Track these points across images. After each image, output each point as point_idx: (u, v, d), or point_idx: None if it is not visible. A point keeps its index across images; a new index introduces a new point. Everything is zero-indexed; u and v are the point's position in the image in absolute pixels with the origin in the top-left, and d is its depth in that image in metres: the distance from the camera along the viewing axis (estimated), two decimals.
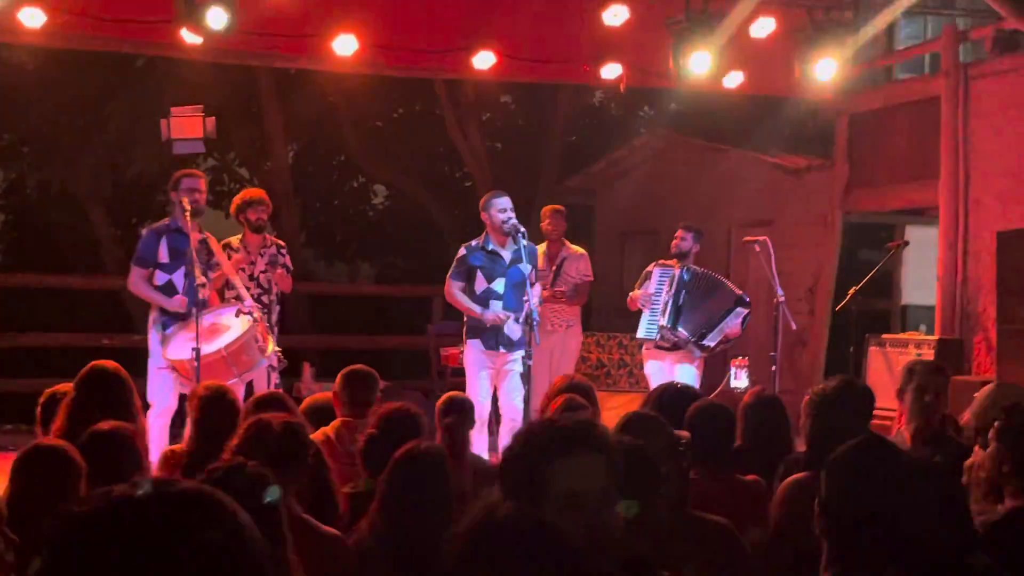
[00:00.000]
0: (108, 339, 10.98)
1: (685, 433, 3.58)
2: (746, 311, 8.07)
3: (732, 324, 7.99)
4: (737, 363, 8.48)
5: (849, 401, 3.86)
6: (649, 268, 8.32)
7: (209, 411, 4.67)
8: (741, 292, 8.22)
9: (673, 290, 8.01)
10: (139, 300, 7.81)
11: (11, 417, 10.20)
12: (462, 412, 4.91)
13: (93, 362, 4.89)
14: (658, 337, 8.02)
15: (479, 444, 6.76)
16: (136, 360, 10.49)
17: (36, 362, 11.12)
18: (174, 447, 5.02)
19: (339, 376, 4.83)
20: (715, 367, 8.98)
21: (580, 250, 8.98)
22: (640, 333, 8.10)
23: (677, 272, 8.07)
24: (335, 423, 4.71)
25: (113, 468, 3.74)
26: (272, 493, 2.32)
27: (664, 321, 7.97)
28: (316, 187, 18.33)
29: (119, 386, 4.69)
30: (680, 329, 7.97)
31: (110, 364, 4.89)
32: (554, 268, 8.79)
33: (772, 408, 4.85)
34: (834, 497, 2.63)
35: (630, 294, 8.28)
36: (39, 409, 4.88)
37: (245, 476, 2.75)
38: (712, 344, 8.03)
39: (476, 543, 2.16)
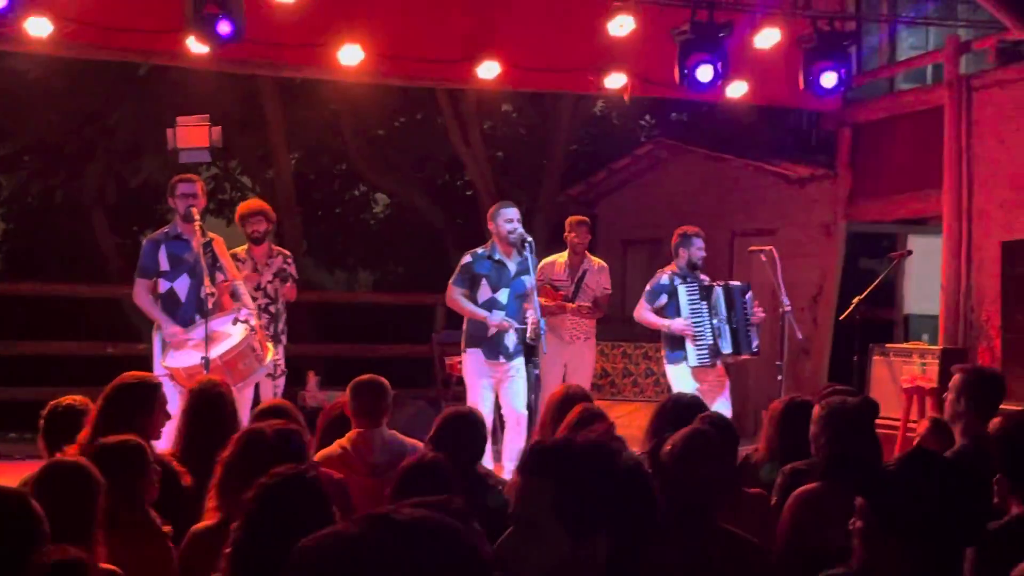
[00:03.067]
0: (113, 347, 11.00)
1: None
2: (750, 292, 8.04)
3: (757, 315, 7.94)
4: None
5: (868, 417, 3.88)
6: (661, 279, 8.04)
7: (198, 403, 4.70)
8: (737, 283, 8.17)
9: (723, 314, 7.82)
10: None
11: (14, 426, 10.20)
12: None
13: (124, 374, 4.80)
14: (719, 363, 7.87)
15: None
16: (141, 369, 10.50)
17: (40, 370, 11.11)
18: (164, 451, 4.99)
19: (348, 387, 4.84)
20: None
21: (601, 263, 8.95)
22: (692, 362, 7.81)
23: (716, 294, 7.86)
24: (350, 434, 4.72)
25: (129, 481, 3.73)
26: None
27: (727, 348, 7.80)
28: (318, 195, 18.35)
29: (144, 399, 4.65)
30: (743, 354, 7.89)
31: (136, 376, 4.81)
32: (575, 280, 8.72)
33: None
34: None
35: (651, 316, 8.02)
36: (42, 421, 4.79)
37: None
38: (758, 342, 7.99)
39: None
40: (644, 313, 8.01)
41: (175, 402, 6.75)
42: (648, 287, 8.09)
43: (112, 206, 15.11)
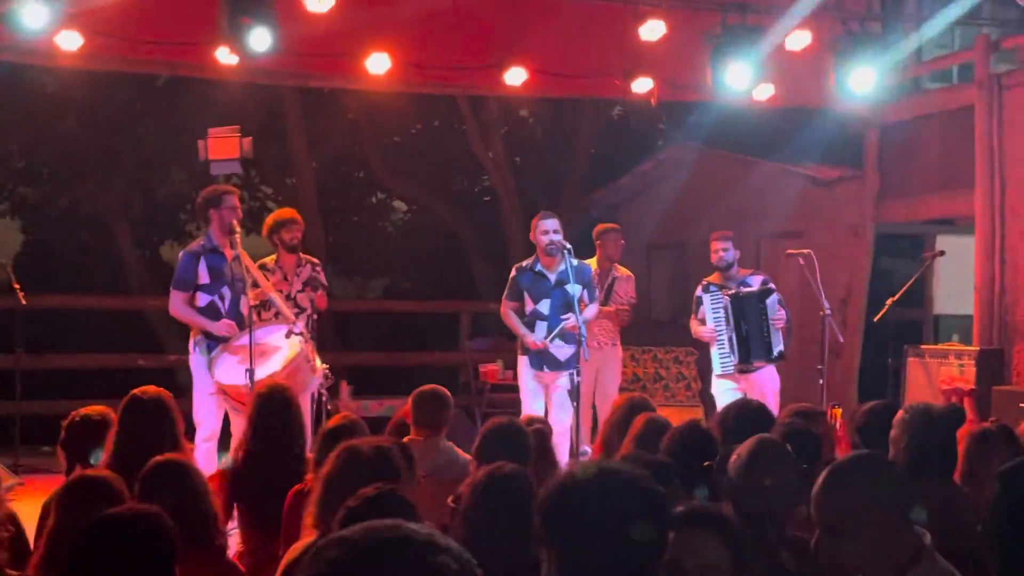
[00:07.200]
0: (144, 360, 10.99)
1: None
2: (775, 293, 8.03)
3: (778, 317, 7.94)
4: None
5: (953, 424, 3.86)
6: (698, 293, 8.24)
7: (263, 409, 4.73)
8: (760, 281, 8.14)
9: (732, 323, 7.90)
10: (167, 320, 7.72)
11: (46, 440, 10.17)
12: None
13: (133, 391, 4.78)
14: (737, 372, 7.95)
15: None
16: (172, 381, 10.50)
17: (69, 384, 11.08)
18: (222, 469, 5.04)
19: (411, 397, 4.85)
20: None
21: (628, 272, 9.01)
22: (717, 370, 8.04)
23: (724, 302, 7.95)
24: (407, 439, 4.73)
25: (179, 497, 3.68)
26: None
27: (736, 359, 7.90)
28: (335, 203, 18.33)
29: (161, 414, 4.64)
30: (754, 361, 7.92)
31: (151, 391, 4.79)
32: (605, 287, 8.77)
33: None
34: None
35: (694, 326, 8.23)
36: (63, 432, 4.82)
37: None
38: (784, 348, 7.98)
39: None
40: (690, 322, 8.19)
41: (220, 415, 6.82)
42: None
43: (135, 218, 15.11)
